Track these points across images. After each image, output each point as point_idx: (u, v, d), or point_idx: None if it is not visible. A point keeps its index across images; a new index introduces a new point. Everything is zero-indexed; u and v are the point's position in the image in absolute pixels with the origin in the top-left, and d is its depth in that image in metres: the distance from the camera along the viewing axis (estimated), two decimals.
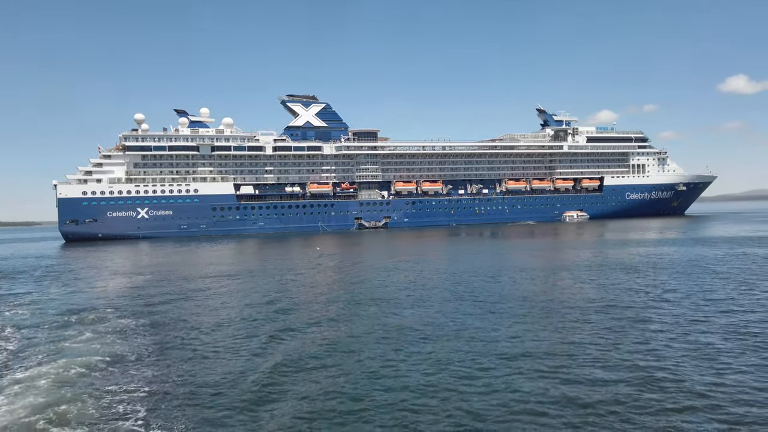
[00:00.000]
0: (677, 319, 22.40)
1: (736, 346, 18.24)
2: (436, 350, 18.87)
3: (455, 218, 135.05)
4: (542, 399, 14.13)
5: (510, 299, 27.96)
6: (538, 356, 17.75)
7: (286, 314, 26.05)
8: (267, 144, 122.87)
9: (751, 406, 13.29)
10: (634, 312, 24.06)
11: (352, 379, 16.01)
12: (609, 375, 15.76)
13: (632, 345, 18.83)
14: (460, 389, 15.04)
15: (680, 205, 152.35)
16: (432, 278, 36.99)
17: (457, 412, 13.54)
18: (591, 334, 20.55)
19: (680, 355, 17.55)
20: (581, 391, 14.55)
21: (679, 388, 14.55)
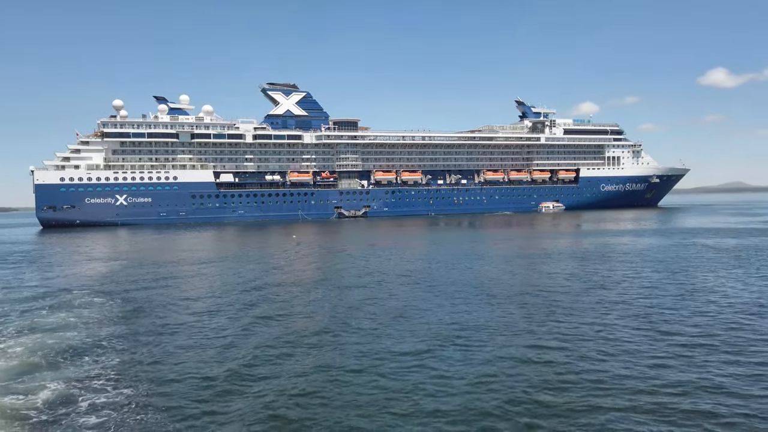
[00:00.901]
0: (600, 303, 24.36)
1: (640, 330, 20.20)
2: (405, 334, 20.51)
3: (434, 208, 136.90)
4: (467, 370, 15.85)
5: (464, 285, 29.74)
6: (469, 334, 19.52)
7: (261, 301, 27.46)
8: (247, 132, 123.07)
9: (629, 377, 15.14)
10: (566, 296, 26.01)
11: (325, 367, 16.33)
12: (521, 350, 17.57)
13: (549, 324, 20.69)
14: (408, 362, 16.71)
15: (653, 197, 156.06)
16: (403, 266, 38.67)
17: (412, 385, 15.20)
18: (520, 314, 22.39)
19: (586, 335, 19.44)
20: (489, 359, 16.32)
21: (574, 364, 16.40)
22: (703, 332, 19.16)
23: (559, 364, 16.18)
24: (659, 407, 12.96)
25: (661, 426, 12.04)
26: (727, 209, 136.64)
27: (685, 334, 19.01)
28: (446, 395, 13.99)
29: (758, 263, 35.29)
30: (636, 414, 12.65)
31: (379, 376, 15.53)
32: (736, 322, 20.41)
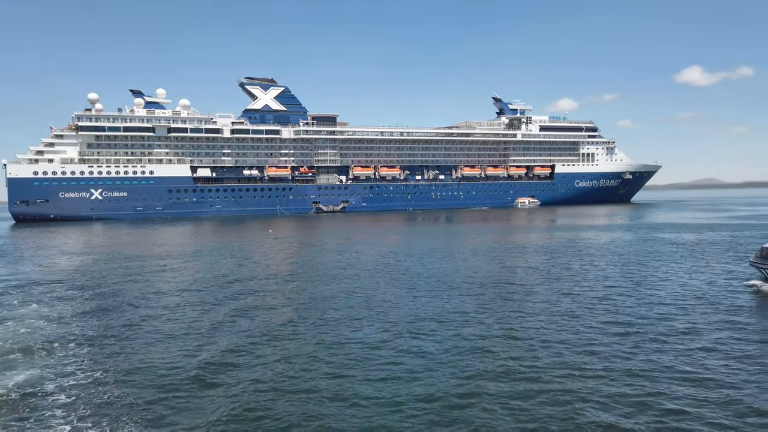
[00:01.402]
0: (554, 294, 25.76)
1: (582, 319, 21.61)
2: (372, 325, 21.56)
3: (412, 203, 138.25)
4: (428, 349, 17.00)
5: (429, 277, 30.94)
6: (431, 324, 20.70)
7: (235, 295, 28.20)
8: (225, 126, 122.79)
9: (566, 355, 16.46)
10: (522, 288, 27.39)
11: (297, 360, 16.64)
12: (470, 337, 18.81)
13: (500, 313, 21.98)
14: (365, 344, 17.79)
15: (626, 193, 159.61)
16: (377, 260, 39.75)
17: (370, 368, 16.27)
18: (474, 305, 23.66)
19: (532, 324, 20.77)
20: (443, 342, 17.52)
21: (515, 349, 17.70)
22: (638, 321, 20.59)
23: (501, 350, 17.41)
24: (584, 389, 14.24)
25: (586, 404, 13.30)
26: (696, 205, 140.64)
27: (622, 322, 20.41)
28: (406, 381, 15.10)
29: (708, 257, 37.16)
30: (564, 394, 13.90)
31: (348, 366, 16.57)
32: (670, 313, 21.91)
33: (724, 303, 23.17)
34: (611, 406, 12.96)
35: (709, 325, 19.61)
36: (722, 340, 17.89)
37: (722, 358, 16.18)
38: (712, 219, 79.60)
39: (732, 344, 17.44)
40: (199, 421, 12.76)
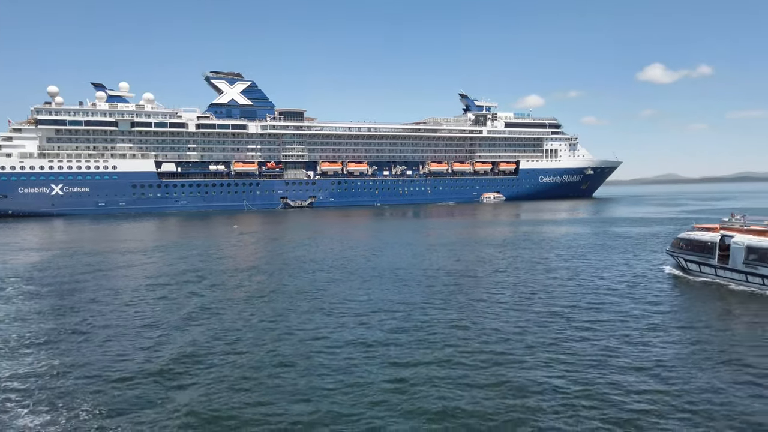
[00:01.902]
0: (497, 284, 27.29)
1: (517, 307, 23.14)
2: (323, 315, 22.56)
3: (380, 198, 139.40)
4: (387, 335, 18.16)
5: (384, 270, 32.14)
6: (385, 310, 21.87)
7: (197, 292, 28.74)
8: (190, 121, 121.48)
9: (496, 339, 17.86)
10: (471, 279, 28.86)
11: (259, 356, 16.84)
12: (424, 319, 20.07)
13: (447, 303, 23.34)
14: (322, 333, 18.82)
15: (588, 188, 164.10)
16: (339, 254, 40.73)
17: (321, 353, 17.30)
18: (422, 294, 24.98)
19: (479, 311, 22.19)
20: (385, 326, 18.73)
21: (453, 333, 19.05)
22: (569, 309, 22.19)
23: (439, 338, 18.69)
24: (507, 373, 15.60)
25: (509, 387, 14.64)
26: (654, 200, 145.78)
27: (554, 310, 21.96)
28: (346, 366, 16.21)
29: (646, 248, 39.42)
30: (485, 374, 15.23)
31: (306, 357, 17.56)
32: (601, 301, 23.61)
33: (640, 287, 25.89)
34: (533, 390, 14.31)
35: (624, 306, 21.32)
36: (635, 318, 19.55)
37: (633, 336, 17.77)
38: (664, 213, 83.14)
39: (641, 320, 19.09)
40: (163, 417, 12.71)
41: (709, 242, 27.43)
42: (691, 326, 19.53)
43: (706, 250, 27.50)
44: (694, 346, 17.13)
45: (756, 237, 25.27)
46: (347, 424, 12.31)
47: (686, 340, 17.83)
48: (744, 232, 26.30)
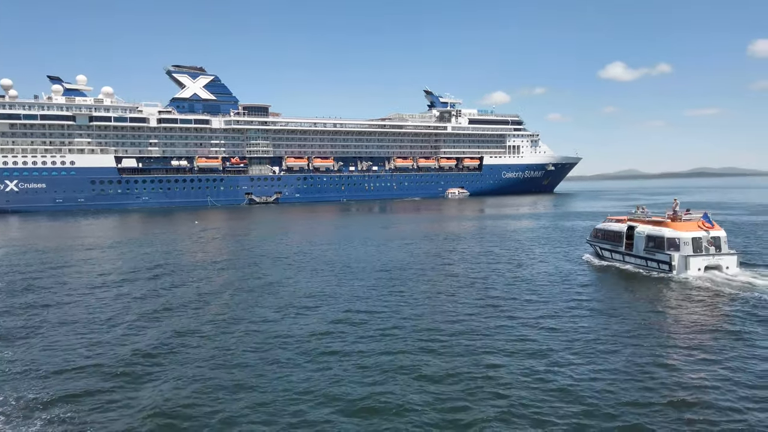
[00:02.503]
0: (440, 275, 28.56)
1: (455, 296, 24.42)
2: (292, 310, 23.28)
3: (346, 194, 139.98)
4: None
5: (337, 264, 33.04)
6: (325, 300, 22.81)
7: (157, 289, 29.04)
8: (151, 116, 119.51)
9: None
10: (417, 271, 30.05)
11: (219, 353, 16.74)
12: (365, 309, 21.08)
13: (389, 294, 24.42)
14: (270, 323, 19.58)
15: (550, 184, 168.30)
16: (297, 249, 41.37)
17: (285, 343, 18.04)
18: (367, 286, 26.02)
19: (417, 301, 23.34)
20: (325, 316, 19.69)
21: (390, 320, 20.13)
22: (501, 296, 23.52)
23: (373, 326, 19.71)
24: (430, 360, 16.72)
25: (434, 358, 15.72)
26: (611, 195, 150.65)
27: (490, 294, 23.26)
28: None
29: (582, 240, 41.36)
30: (409, 355, 16.29)
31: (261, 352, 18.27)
32: (530, 287, 25.09)
33: (561, 273, 28.59)
34: (449, 366, 15.42)
35: (545, 290, 22.79)
36: (551, 300, 21.00)
37: (547, 315, 19.14)
38: (616, 207, 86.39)
39: (558, 302, 20.54)
40: (123, 419, 12.55)
41: (618, 232, 30.53)
42: (600, 302, 22.38)
43: (616, 239, 30.62)
44: (599, 318, 18.72)
45: (654, 227, 28.19)
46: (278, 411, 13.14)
47: (594, 312, 19.46)
48: (645, 223, 29.15)
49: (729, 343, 16.88)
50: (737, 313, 20.08)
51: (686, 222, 27.50)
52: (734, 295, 22.60)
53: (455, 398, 13.23)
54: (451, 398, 13.23)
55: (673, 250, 26.67)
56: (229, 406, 13.14)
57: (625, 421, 11.91)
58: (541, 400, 13.04)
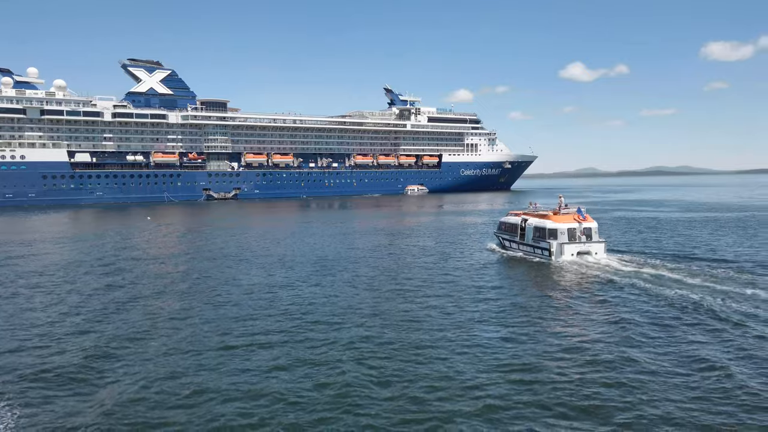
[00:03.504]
0: (361, 265, 30.46)
1: (373, 286, 26.35)
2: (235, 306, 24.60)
3: (306, 190, 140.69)
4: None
5: (271, 257, 34.55)
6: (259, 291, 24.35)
7: (101, 288, 29.82)
8: (105, 110, 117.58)
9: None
10: (347, 262, 31.85)
11: (172, 350, 16.77)
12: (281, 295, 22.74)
13: (311, 284, 26.16)
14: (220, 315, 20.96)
15: (506, 181, 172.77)
16: (238, 245, 42.57)
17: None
18: (286, 276, 27.70)
19: (336, 289, 25.14)
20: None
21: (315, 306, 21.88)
22: (414, 280, 25.53)
23: (292, 313, 21.38)
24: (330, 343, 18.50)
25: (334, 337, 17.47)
26: (562, 192, 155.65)
27: (406, 286, 25.19)
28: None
29: None
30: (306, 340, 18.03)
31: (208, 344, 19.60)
32: (444, 272, 27.26)
33: (468, 260, 32.53)
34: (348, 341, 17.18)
35: (450, 277, 24.97)
36: (456, 286, 23.12)
37: (454, 294, 21.20)
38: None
39: (467, 284, 22.66)
40: (77, 420, 12.17)
41: (515, 224, 34.85)
42: (498, 282, 26.00)
43: (513, 231, 34.94)
44: (492, 291, 21.07)
45: (540, 219, 32.39)
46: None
47: (491, 288, 21.65)
48: (535, 216, 33.22)
49: (591, 309, 20.79)
50: (599, 289, 24.09)
51: (564, 215, 31.74)
52: (598, 275, 26.66)
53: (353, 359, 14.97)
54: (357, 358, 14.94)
55: (552, 239, 30.88)
56: (180, 401, 13.04)
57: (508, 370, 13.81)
58: (428, 366, 14.85)
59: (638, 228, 49.90)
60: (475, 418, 11.99)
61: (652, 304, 21.20)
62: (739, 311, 19.73)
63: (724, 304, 20.58)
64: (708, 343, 16.49)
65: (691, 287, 23.40)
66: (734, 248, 35.53)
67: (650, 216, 63.74)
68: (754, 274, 26.34)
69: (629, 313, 19.94)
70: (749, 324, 18.07)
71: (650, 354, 15.71)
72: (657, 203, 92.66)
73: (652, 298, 22.10)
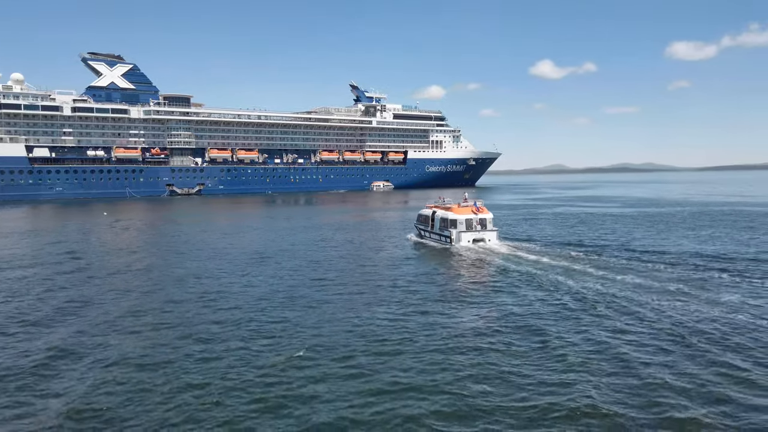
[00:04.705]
0: (305, 258, 32.26)
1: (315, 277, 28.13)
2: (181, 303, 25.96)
3: (271, 186, 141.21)
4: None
5: (227, 251, 36.00)
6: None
7: (52, 287, 30.79)
8: (65, 104, 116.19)
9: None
10: (273, 255, 33.57)
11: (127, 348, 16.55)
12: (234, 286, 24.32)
13: (270, 270, 27.82)
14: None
15: (471, 178, 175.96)
16: (202, 240, 43.73)
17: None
18: (243, 269, 29.29)
19: (264, 279, 26.83)
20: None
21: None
22: (332, 268, 27.41)
23: (233, 303, 22.99)
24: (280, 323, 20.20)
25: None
26: (522, 189, 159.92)
27: (327, 276, 27.01)
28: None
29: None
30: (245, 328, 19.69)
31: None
32: (367, 258, 29.25)
33: (388, 249, 36.13)
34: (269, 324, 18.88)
35: (371, 263, 26.97)
36: (379, 264, 25.11)
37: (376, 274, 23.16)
38: (513, 200, 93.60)
39: (387, 266, 24.66)
40: (36, 421, 12.07)
41: (428, 216, 39.37)
42: (413, 262, 29.19)
43: (426, 222, 39.54)
44: (407, 270, 22.91)
45: (445, 211, 37.29)
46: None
47: (414, 264, 23.58)
48: (442, 209, 37.83)
49: (481, 288, 24.19)
50: (489, 269, 28.49)
51: (463, 208, 36.75)
52: (488, 258, 31.19)
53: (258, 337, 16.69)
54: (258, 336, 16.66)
55: (452, 228, 35.88)
56: (138, 397, 13.16)
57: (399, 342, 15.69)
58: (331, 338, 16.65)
59: (564, 222, 52.46)
60: (312, 384, 13.82)
61: (525, 282, 24.96)
62: (594, 290, 22.68)
63: (583, 285, 23.60)
64: (549, 319, 18.79)
65: (555, 268, 27.76)
66: (625, 239, 38.89)
67: (587, 212, 66.89)
68: (629, 260, 29.62)
69: (504, 288, 24.01)
70: (600, 306, 20.25)
71: (505, 324, 17.85)
72: (606, 199, 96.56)
73: (527, 276, 25.99)
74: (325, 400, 12.82)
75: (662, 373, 13.90)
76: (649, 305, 20.18)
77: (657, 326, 17.68)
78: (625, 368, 14.36)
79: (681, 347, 15.80)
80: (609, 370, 14.28)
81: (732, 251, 32.53)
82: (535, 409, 12.14)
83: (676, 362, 14.69)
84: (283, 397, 13.03)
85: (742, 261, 29.24)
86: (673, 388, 13.02)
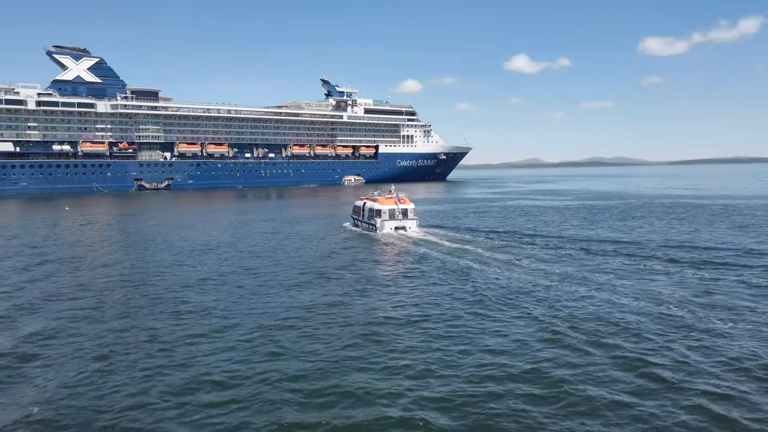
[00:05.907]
0: (248, 250, 33.82)
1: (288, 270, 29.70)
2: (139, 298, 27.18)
3: (241, 181, 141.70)
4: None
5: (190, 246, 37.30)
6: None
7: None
8: (29, 98, 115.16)
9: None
10: (220, 247, 35.08)
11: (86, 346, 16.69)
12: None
13: (232, 265, 29.28)
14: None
15: (442, 172, 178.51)
16: (162, 236, 44.82)
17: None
18: (198, 264, 30.73)
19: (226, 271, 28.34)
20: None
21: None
22: (277, 258, 29.05)
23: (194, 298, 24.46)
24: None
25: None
26: (491, 183, 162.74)
27: (269, 267, 28.63)
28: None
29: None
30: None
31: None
32: (306, 243, 30.96)
33: (327, 238, 38.76)
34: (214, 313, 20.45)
35: (314, 246, 28.71)
36: (315, 248, 26.85)
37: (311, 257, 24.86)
38: (474, 194, 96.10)
39: (324, 250, 26.41)
40: None
41: (360, 206, 43.39)
42: (345, 248, 32.60)
43: (359, 212, 43.64)
44: (337, 256, 24.65)
45: (373, 203, 40.87)
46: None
47: (341, 251, 25.39)
48: (372, 201, 41.29)
49: (402, 269, 26.97)
50: (407, 252, 31.86)
51: (388, 199, 40.94)
52: (407, 244, 34.66)
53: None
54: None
55: (377, 217, 39.87)
56: (106, 394, 13.07)
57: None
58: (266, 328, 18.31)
59: (508, 214, 54.97)
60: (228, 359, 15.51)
61: (436, 265, 27.80)
62: (493, 275, 24.83)
63: (486, 270, 26.01)
64: (450, 293, 20.74)
65: (466, 252, 31.19)
66: (555, 228, 41.61)
67: (536, 204, 69.46)
68: (544, 248, 32.20)
69: (418, 267, 27.43)
70: (487, 291, 22.13)
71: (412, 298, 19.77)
72: (564, 193, 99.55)
73: (438, 260, 29.16)
74: (205, 363, 14.49)
75: None
76: (539, 289, 22.23)
77: (534, 310, 19.71)
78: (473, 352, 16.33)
79: (562, 333, 17.86)
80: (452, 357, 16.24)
81: (646, 240, 34.90)
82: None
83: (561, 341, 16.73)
84: (166, 366, 14.65)
85: (651, 248, 31.53)
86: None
